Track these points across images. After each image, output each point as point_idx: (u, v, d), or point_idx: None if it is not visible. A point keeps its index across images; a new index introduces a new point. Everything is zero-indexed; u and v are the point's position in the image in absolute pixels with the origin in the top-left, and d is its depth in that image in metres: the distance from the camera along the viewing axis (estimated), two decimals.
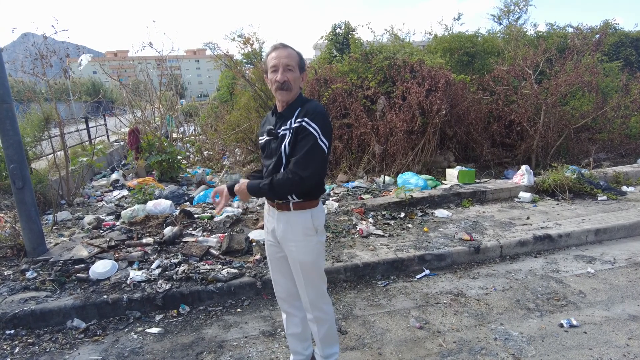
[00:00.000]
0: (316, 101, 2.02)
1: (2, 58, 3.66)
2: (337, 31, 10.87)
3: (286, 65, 1.89)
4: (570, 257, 4.01)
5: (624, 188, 5.81)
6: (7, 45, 6.45)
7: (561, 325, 2.83)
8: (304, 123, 1.86)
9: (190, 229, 4.41)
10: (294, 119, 1.92)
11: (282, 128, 1.94)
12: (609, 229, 4.39)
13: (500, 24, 13.67)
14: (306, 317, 2.24)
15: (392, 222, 4.71)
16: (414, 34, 11.65)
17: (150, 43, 9.33)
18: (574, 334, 2.74)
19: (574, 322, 2.83)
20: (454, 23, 19.37)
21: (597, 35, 9.32)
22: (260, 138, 2.11)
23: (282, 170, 1.91)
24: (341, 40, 10.71)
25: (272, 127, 1.99)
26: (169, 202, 5.16)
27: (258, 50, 9.63)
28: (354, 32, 10.71)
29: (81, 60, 8.53)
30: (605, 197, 5.39)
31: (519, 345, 2.64)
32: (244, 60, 10.99)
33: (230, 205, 5.25)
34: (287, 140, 1.91)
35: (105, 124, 14.03)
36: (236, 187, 1.99)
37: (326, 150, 1.88)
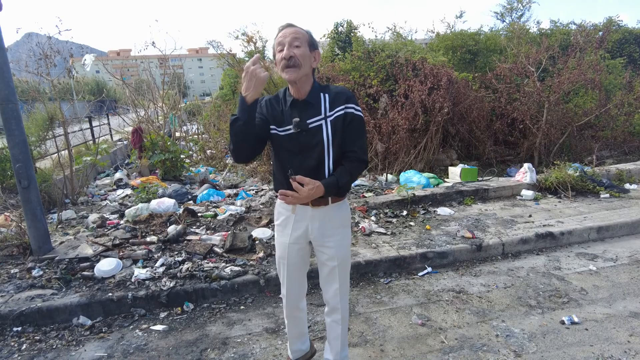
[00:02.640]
0: (333, 84, 1.99)
1: (7, 58, 3.69)
2: (339, 29, 10.88)
3: (293, 40, 1.72)
4: (572, 254, 4.02)
5: (627, 186, 5.80)
6: (11, 45, 6.53)
7: (562, 322, 2.84)
8: (350, 110, 1.80)
9: (194, 227, 4.44)
10: (327, 106, 1.79)
11: (315, 119, 1.79)
12: (611, 226, 4.39)
13: (503, 21, 13.66)
14: (305, 315, 2.26)
15: (394, 220, 4.72)
16: (416, 32, 11.67)
17: (153, 42, 9.37)
18: (575, 330, 2.75)
19: (575, 319, 2.85)
20: (456, 21, 19.25)
21: (601, 33, 9.30)
22: (275, 128, 1.83)
23: (328, 163, 1.79)
24: (343, 39, 10.71)
25: (297, 119, 1.78)
26: (172, 201, 5.20)
27: (261, 49, 9.65)
28: (356, 31, 10.71)
29: (85, 60, 8.57)
30: (608, 195, 5.38)
31: (520, 341, 2.66)
32: (247, 59, 11.01)
33: (233, 204, 5.29)
34: (327, 131, 1.78)
35: (109, 123, 14.10)
36: (307, 190, 1.72)
37: None
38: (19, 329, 2.99)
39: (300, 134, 1.79)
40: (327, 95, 1.82)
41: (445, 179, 6.71)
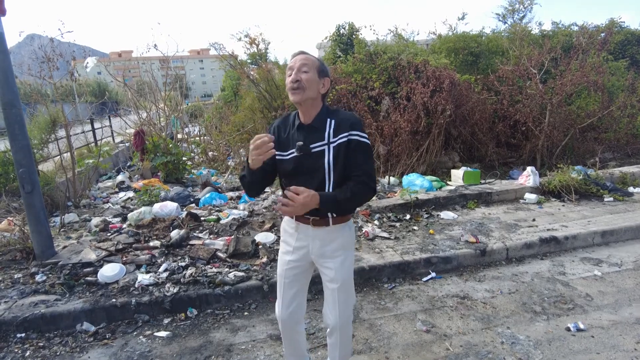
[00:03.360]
0: (343, 110, 1.93)
1: (10, 63, 3.69)
2: (341, 32, 10.87)
3: (301, 65, 1.80)
4: (576, 259, 4.00)
5: (631, 189, 5.78)
6: (13, 46, 6.51)
7: (568, 329, 2.83)
8: (355, 137, 1.79)
9: (197, 231, 4.44)
10: (331, 132, 1.81)
11: (318, 144, 1.82)
12: (615, 230, 4.38)
13: (505, 22, 13.64)
14: (304, 340, 2.23)
15: (397, 224, 4.71)
16: (418, 34, 11.60)
17: (155, 45, 9.35)
18: (581, 337, 2.74)
19: (581, 326, 2.83)
20: (458, 23, 19.31)
21: (603, 34, 9.27)
22: (280, 153, 1.87)
23: (328, 188, 1.80)
24: (345, 41, 10.70)
25: (301, 142, 1.81)
26: (175, 205, 5.20)
27: (263, 51, 9.65)
28: (358, 33, 10.71)
29: (87, 62, 8.58)
30: (611, 199, 5.37)
31: (525, 349, 2.65)
32: (249, 61, 11.02)
33: (236, 208, 5.28)
34: (329, 156, 1.79)
35: (111, 125, 14.11)
36: (303, 192, 1.71)
37: None
38: (23, 335, 2.98)
39: (304, 157, 1.82)
40: (333, 121, 1.84)
41: (448, 182, 6.70)
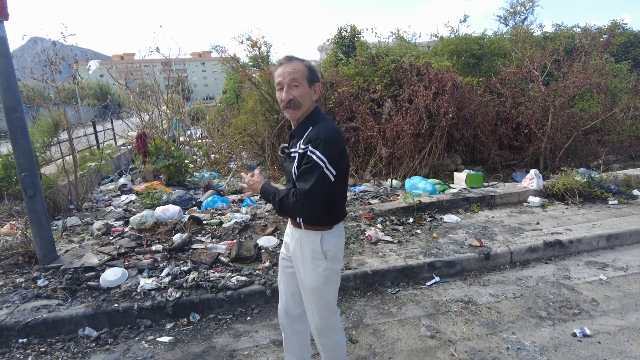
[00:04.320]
0: (329, 121, 1.87)
1: (13, 67, 3.69)
2: (342, 34, 10.86)
3: (291, 81, 1.78)
4: (581, 263, 3.97)
5: (636, 192, 5.73)
6: (16, 49, 6.52)
7: (574, 335, 2.80)
8: (308, 151, 1.75)
9: (199, 235, 4.42)
10: (301, 141, 1.83)
11: (293, 150, 1.88)
12: (620, 234, 4.34)
13: (507, 25, 13.62)
14: (305, 341, 2.23)
15: (400, 227, 4.69)
16: (419, 37, 11.58)
17: (157, 48, 9.36)
18: (588, 343, 2.71)
19: (588, 332, 2.80)
20: (460, 25, 19.21)
21: (605, 36, 9.24)
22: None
23: (291, 192, 1.83)
24: (347, 44, 10.69)
25: (286, 145, 1.97)
26: (177, 208, 5.18)
27: (265, 54, 9.65)
28: (359, 35, 10.70)
29: (90, 65, 8.59)
30: (616, 201, 5.33)
31: (531, 355, 2.62)
32: (251, 63, 11.02)
33: (238, 211, 5.27)
34: (295, 163, 1.83)
35: (113, 128, 14.12)
36: (255, 177, 2.00)
37: (332, 178, 1.76)
38: (25, 340, 2.97)
39: (285, 160, 1.96)
40: (310, 132, 1.83)
41: (451, 185, 6.67)
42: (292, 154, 1.87)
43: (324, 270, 1.92)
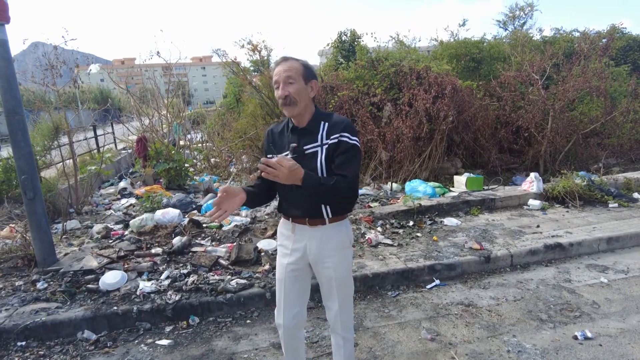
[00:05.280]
0: (337, 114, 1.95)
1: (14, 71, 3.70)
2: (342, 38, 10.91)
3: (286, 78, 1.82)
4: (582, 266, 3.96)
5: (635, 195, 5.73)
6: (18, 54, 6.55)
7: (575, 338, 2.78)
8: (344, 138, 1.81)
9: (199, 238, 4.41)
10: (324, 134, 1.84)
11: (311, 145, 1.85)
12: (621, 237, 4.33)
13: (506, 29, 13.67)
14: (303, 345, 2.20)
15: (400, 230, 4.68)
16: (419, 41, 11.64)
17: (158, 52, 9.41)
18: (589, 346, 2.70)
19: (589, 334, 2.79)
20: (459, 29, 19.30)
21: (605, 40, 9.27)
22: (271, 156, 1.82)
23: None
24: (347, 48, 10.74)
25: (295, 144, 1.87)
26: (177, 211, 5.18)
27: (266, 58, 9.68)
28: (359, 40, 10.75)
29: (90, 69, 8.62)
30: (616, 204, 5.33)
31: (532, 358, 2.61)
32: (251, 68, 11.06)
33: (238, 214, 5.26)
34: (321, 157, 1.83)
35: (113, 132, 14.15)
36: (289, 166, 1.64)
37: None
38: (23, 343, 2.95)
39: (297, 159, 1.80)
40: (326, 124, 1.87)
41: (451, 188, 6.67)
42: (312, 149, 1.85)
43: (350, 257, 2.04)
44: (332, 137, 1.83)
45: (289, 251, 2.02)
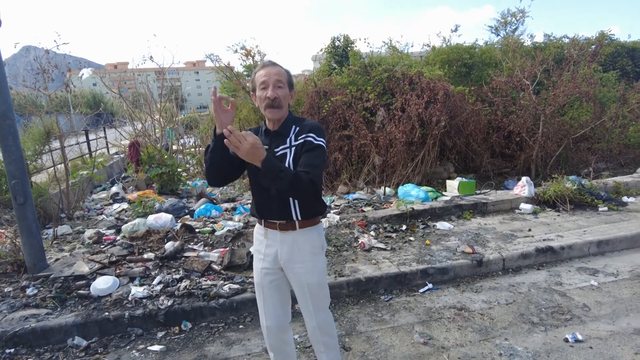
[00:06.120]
0: (309, 119, 2.01)
1: (5, 74, 3.68)
2: (336, 44, 10.96)
3: (276, 81, 1.85)
4: (573, 269, 4.00)
5: (625, 199, 5.81)
6: (9, 58, 6.50)
7: (566, 340, 2.81)
8: (309, 139, 1.86)
9: (192, 243, 4.39)
10: (292, 136, 1.90)
11: (281, 147, 1.90)
12: (611, 240, 4.39)
13: (498, 35, 13.81)
14: (293, 349, 2.20)
15: (394, 235, 4.70)
16: (412, 46, 11.70)
17: (151, 57, 9.39)
18: (580, 349, 2.72)
19: (579, 337, 2.82)
20: (451, 35, 19.52)
21: (594, 46, 9.41)
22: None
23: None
24: (340, 53, 10.79)
25: (266, 146, 1.85)
26: (169, 216, 5.15)
27: (259, 63, 9.69)
28: (353, 45, 10.80)
29: (82, 74, 8.58)
30: (606, 208, 5.39)
31: None
32: (245, 73, 11.06)
33: (231, 219, 5.25)
34: (289, 158, 1.87)
35: (105, 137, 14.06)
36: (252, 142, 1.61)
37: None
38: (12, 350, 2.92)
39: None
40: (297, 128, 1.92)
41: (443, 193, 6.70)
42: (282, 151, 1.89)
43: (322, 262, 2.04)
44: (299, 138, 1.88)
45: (262, 256, 2.03)
